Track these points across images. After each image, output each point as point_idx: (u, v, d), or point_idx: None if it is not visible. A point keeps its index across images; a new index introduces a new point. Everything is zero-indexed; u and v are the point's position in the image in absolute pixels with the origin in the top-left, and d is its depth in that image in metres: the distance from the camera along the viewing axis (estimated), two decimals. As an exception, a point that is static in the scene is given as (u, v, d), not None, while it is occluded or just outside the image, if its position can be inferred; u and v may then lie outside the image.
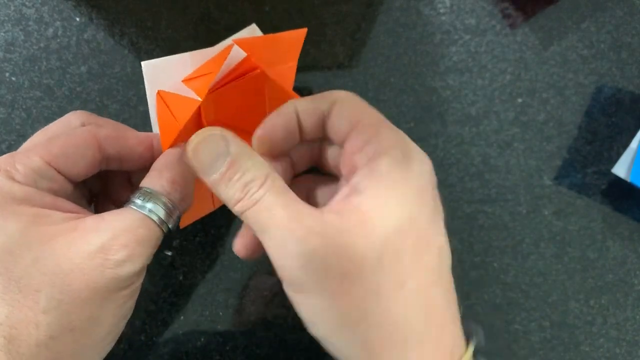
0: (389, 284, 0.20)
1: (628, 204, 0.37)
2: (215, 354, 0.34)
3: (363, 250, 0.20)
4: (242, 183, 0.21)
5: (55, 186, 0.24)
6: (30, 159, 0.23)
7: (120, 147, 0.26)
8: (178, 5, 0.36)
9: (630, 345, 0.35)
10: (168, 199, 0.23)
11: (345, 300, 0.20)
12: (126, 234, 0.22)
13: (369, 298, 0.20)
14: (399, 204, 0.21)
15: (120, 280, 0.22)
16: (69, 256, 0.21)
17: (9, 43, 0.35)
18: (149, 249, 0.23)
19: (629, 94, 0.38)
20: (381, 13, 0.37)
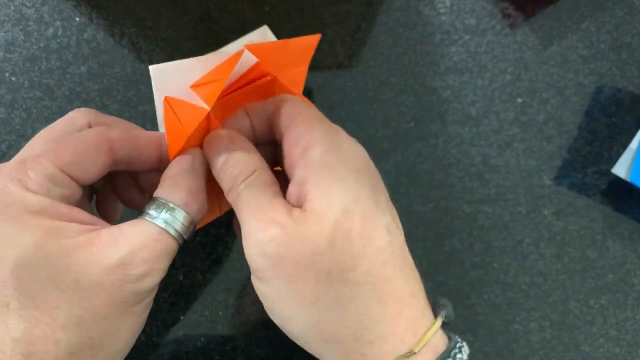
0: (340, 267, 0.21)
1: (628, 204, 0.37)
2: (215, 354, 0.34)
3: (315, 237, 0.21)
4: (233, 175, 0.23)
5: (68, 193, 0.23)
6: (42, 166, 0.22)
7: (130, 150, 0.25)
8: (178, 5, 0.36)
9: (630, 345, 0.35)
10: (185, 211, 0.23)
11: (299, 284, 0.21)
12: (145, 249, 0.22)
13: (321, 282, 0.21)
14: (340, 187, 0.22)
15: (139, 295, 0.22)
16: (87, 271, 0.21)
17: (9, 43, 0.35)
18: (166, 263, 0.23)
19: (629, 94, 0.38)
20: (381, 13, 0.37)
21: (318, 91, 0.36)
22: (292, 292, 0.21)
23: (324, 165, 0.22)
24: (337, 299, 0.21)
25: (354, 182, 0.22)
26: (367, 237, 0.22)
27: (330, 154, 0.22)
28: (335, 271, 0.21)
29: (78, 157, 0.23)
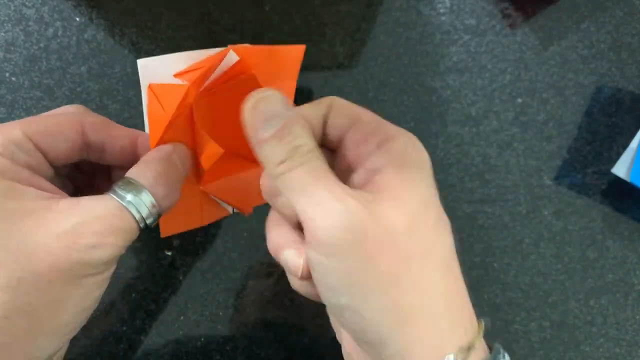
0: (418, 252, 0.21)
1: (628, 204, 0.37)
2: (215, 354, 0.34)
3: (395, 221, 0.21)
4: (292, 145, 0.21)
5: (33, 162, 0.23)
6: (10, 130, 0.22)
7: (103, 136, 0.25)
8: (178, 5, 0.36)
9: (630, 345, 0.35)
10: (151, 193, 0.23)
11: (380, 263, 0.20)
12: (100, 220, 0.21)
13: (402, 263, 0.21)
14: (419, 180, 0.22)
15: (87, 266, 0.21)
16: (37, 235, 0.20)
17: (9, 43, 0.35)
18: (121, 241, 0.22)
19: (628, 94, 0.38)
20: (381, 13, 0.37)
21: (318, 91, 0.36)
22: (373, 271, 0.21)
23: (406, 157, 0.22)
24: (415, 284, 0.21)
25: (430, 181, 0.22)
26: (440, 232, 0.22)
27: (410, 150, 0.23)
28: (414, 256, 0.21)
29: (47, 128, 0.23)
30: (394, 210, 0.21)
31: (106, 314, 0.33)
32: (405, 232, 0.21)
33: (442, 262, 0.22)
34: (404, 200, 0.21)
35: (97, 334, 0.33)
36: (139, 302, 0.34)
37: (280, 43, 0.28)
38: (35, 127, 0.23)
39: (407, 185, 0.22)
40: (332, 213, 0.20)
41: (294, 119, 0.22)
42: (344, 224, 0.20)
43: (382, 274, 0.21)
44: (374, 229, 0.20)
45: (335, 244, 0.20)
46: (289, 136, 0.21)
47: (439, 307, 0.21)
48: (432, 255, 0.22)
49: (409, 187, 0.22)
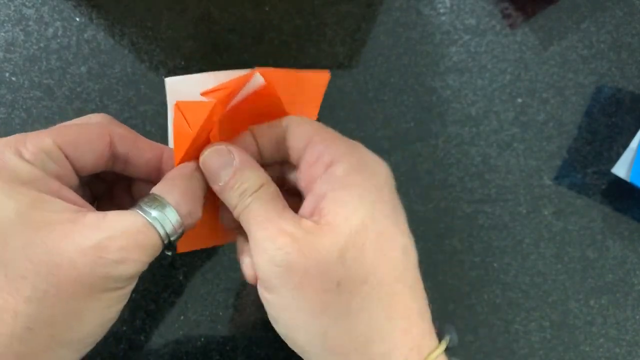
0: (350, 279, 0.21)
1: (628, 204, 0.37)
2: (215, 354, 0.34)
3: (327, 248, 0.21)
4: (240, 191, 0.23)
5: (62, 172, 0.23)
6: (41, 139, 0.22)
7: (130, 148, 0.25)
8: (178, 5, 0.36)
9: (630, 345, 0.35)
10: (176, 211, 0.23)
11: (307, 292, 0.21)
12: (125, 236, 0.21)
13: (330, 292, 0.21)
14: (359, 203, 0.22)
15: (111, 281, 0.21)
16: (62, 248, 0.20)
17: (9, 43, 0.35)
18: (145, 257, 0.22)
19: (628, 94, 0.38)
20: (381, 13, 0.37)
21: (318, 91, 0.36)
22: (301, 301, 0.21)
23: (346, 181, 0.22)
24: (345, 310, 0.21)
25: (375, 200, 0.22)
26: (381, 253, 0.22)
27: (353, 171, 0.23)
28: (345, 282, 0.21)
29: (77, 138, 0.24)
30: (327, 237, 0.21)
31: (106, 314, 0.33)
32: (336, 258, 0.21)
33: (383, 284, 0.22)
34: (338, 227, 0.21)
35: (97, 334, 0.33)
36: (139, 302, 0.34)
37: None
38: (65, 137, 0.23)
39: (344, 211, 0.22)
40: (263, 250, 0.22)
41: (240, 166, 0.24)
42: (272, 259, 0.21)
43: (310, 303, 0.21)
44: (302, 259, 0.21)
45: (267, 278, 0.22)
46: (237, 183, 0.23)
47: (371, 335, 0.21)
48: (370, 279, 0.21)
49: (345, 212, 0.22)
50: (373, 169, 0.23)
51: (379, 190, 0.23)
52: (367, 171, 0.23)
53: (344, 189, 0.22)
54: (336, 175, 0.23)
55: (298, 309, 0.22)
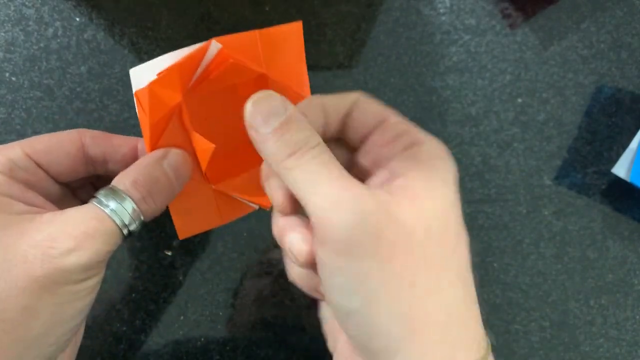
0: (435, 258, 0.20)
1: (628, 204, 0.37)
2: (215, 354, 0.34)
3: (413, 223, 0.20)
4: (296, 139, 0.20)
5: (33, 179, 0.24)
6: (11, 149, 0.23)
7: (104, 147, 0.26)
8: (178, 5, 0.36)
9: (630, 345, 0.35)
10: (129, 197, 0.23)
11: (396, 266, 0.20)
12: (76, 225, 0.21)
13: (418, 268, 0.20)
14: (442, 187, 0.21)
15: (64, 273, 0.21)
16: (16, 245, 0.21)
17: (9, 43, 0.35)
18: (100, 244, 0.22)
19: (629, 94, 0.38)
20: (381, 13, 0.37)
21: (318, 91, 0.36)
22: (388, 273, 0.20)
23: (431, 163, 0.22)
24: (431, 289, 0.20)
25: (453, 189, 0.22)
26: (458, 242, 0.21)
27: (435, 156, 0.22)
28: (431, 262, 0.20)
29: (48, 146, 0.24)
30: (413, 213, 0.20)
31: (106, 314, 0.33)
32: (423, 236, 0.20)
33: (459, 272, 0.21)
34: (425, 205, 0.20)
35: (97, 334, 0.33)
36: (139, 302, 0.34)
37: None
38: (35, 146, 0.24)
39: (429, 191, 0.21)
40: (346, 210, 0.19)
41: (295, 115, 0.21)
42: (358, 222, 0.19)
43: (398, 277, 0.20)
44: (391, 230, 0.19)
45: (347, 242, 0.19)
46: (292, 131, 0.20)
47: (452, 318, 0.20)
48: (450, 264, 0.21)
49: (430, 192, 0.21)
50: (450, 160, 0.23)
51: (455, 181, 0.22)
52: (446, 160, 0.22)
53: (429, 171, 0.21)
54: (422, 155, 0.22)
55: (384, 280, 0.20)
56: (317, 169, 0.20)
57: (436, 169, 0.22)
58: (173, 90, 0.24)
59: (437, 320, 0.20)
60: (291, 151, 0.20)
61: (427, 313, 0.20)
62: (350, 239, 0.19)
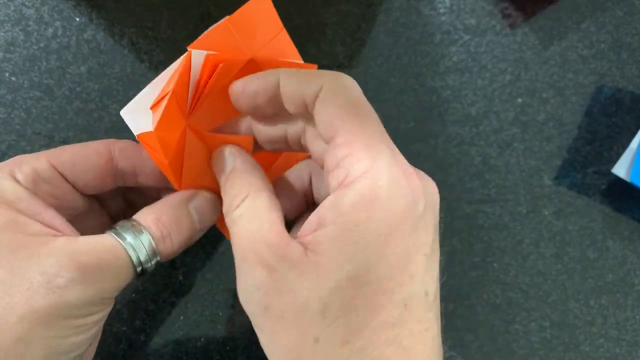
0: (330, 338, 0.19)
1: (628, 204, 0.37)
2: (215, 354, 0.34)
3: (308, 296, 0.19)
4: (230, 196, 0.22)
5: (57, 192, 0.23)
6: (37, 160, 0.22)
7: (133, 159, 0.25)
8: (178, 5, 0.36)
9: (630, 345, 0.35)
10: (149, 234, 0.22)
11: (282, 339, 0.19)
12: (86, 256, 0.20)
13: (305, 347, 0.19)
14: (356, 251, 0.18)
15: (65, 306, 0.19)
16: (23, 269, 0.19)
17: (8, 43, 0.35)
18: (109, 280, 0.21)
19: (629, 94, 0.38)
20: (381, 13, 0.37)
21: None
22: (275, 346, 0.20)
23: (349, 219, 0.19)
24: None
25: (375, 249, 0.18)
26: (372, 313, 0.19)
27: (360, 207, 0.18)
28: (324, 340, 0.19)
29: (74, 158, 0.23)
30: (311, 284, 0.18)
31: (106, 314, 0.33)
32: (316, 314, 0.18)
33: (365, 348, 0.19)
34: (326, 275, 0.18)
35: (97, 334, 0.33)
36: (139, 302, 0.34)
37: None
38: (61, 157, 0.23)
39: (336, 256, 0.18)
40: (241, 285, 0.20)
41: (235, 169, 0.22)
42: (249, 298, 0.20)
43: (285, 350, 0.19)
44: (279, 304, 0.19)
45: (248, 313, 0.21)
46: (227, 187, 0.22)
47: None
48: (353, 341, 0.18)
49: (337, 257, 0.18)
50: (389, 204, 0.19)
51: (389, 234, 0.19)
52: (380, 207, 0.18)
53: (345, 229, 0.18)
54: (341, 208, 0.19)
55: (273, 352, 0.20)
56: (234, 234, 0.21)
57: (356, 226, 0.18)
58: (176, 120, 0.23)
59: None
60: (227, 208, 0.22)
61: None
62: (247, 310, 0.20)
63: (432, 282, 0.21)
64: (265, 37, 0.25)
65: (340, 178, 0.19)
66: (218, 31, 0.24)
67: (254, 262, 0.20)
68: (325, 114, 0.20)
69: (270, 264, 0.19)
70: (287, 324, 0.19)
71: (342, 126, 0.20)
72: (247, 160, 0.23)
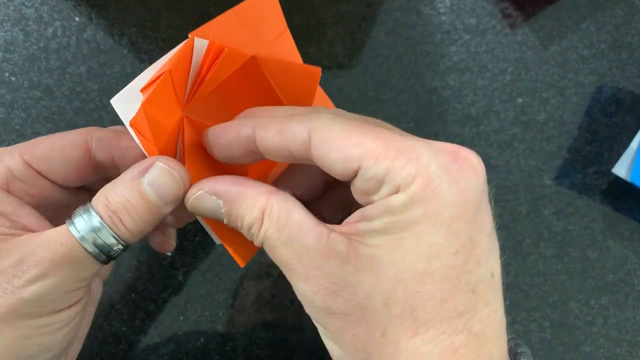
0: (397, 330, 0.18)
1: (628, 204, 0.36)
2: (215, 354, 0.34)
3: (368, 290, 0.18)
4: (245, 229, 0.20)
5: (34, 190, 0.22)
6: (10, 157, 0.21)
7: (112, 149, 0.23)
8: (178, 5, 0.36)
9: (631, 345, 0.35)
10: (102, 220, 0.20)
11: (347, 339, 0.19)
12: (44, 250, 0.19)
13: (373, 342, 0.18)
14: (414, 245, 0.18)
15: (25, 304, 0.19)
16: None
17: (8, 43, 0.35)
18: (68, 272, 0.19)
19: (629, 93, 0.38)
20: (381, 13, 0.37)
21: (318, 91, 0.36)
22: (342, 345, 0.19)
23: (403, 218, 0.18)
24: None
25: (435, 241, 0.18)
26: (438, 303, 0.18)
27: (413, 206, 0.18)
28: (391, 332, 0.18)
29: (48, 152, 0.22)
30: (369, 278, 0.18)
31: (106, 314, 0.33)
32: (380, 306, 0.18)
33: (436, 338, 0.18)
34: (384, 268, 0.18)
35: (97, 334, 0.33)
36: (139, 302, 0.34)
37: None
38: (36, 153, 0.22)
39: (392, 251, 0.18)
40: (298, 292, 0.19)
41: (231, 202, 0.20)
42: (307, 304, 0.19)
43: (351, 351, 0.19)
44: (339, 303, 0.18)
45: (312, 317, 0.20)
46: (237, 222, 0.20)
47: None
48: (421, 332, 0.18)
49: (394, 252, 0.18)
50: (445, 196, 0.18)
51: (447, 225, 0.18)
52: (435, 202, 0.18)
53: (400, 226, 0.18)
54: (393, 208, 0.18)
55: (340, 352, 0.19)
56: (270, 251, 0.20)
57: (410, 223, 0.18)
58: (171, 105, 0.22)
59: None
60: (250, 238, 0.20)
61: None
62: (311, 314, 0.19)
63: (496, 261, 0.20)
64: (268, 35, 0.25)
65: (391, 191, 0.18)
66: (221, 20, 0.22)
67: (300, 270, 0.19)
68: (334, 156, 0.18)
69: (319, 265, 0.18)
70: (352, 321, 0.18)
71: (362, 152, 0.18)
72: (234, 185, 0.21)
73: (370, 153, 0.18)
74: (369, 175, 0.18)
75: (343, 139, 0.18)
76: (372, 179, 0.18)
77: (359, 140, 0.18)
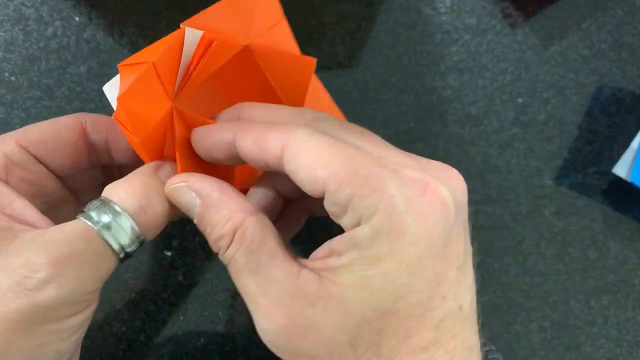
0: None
1: (629, 204, 0.36)
2: (215, 354, 0.34)
3: (333, 332, 0.18)
4: (213, 239, 0.20)
5: (32, 177, 0.21)
6: (4, 143, 0.20)
7: (106, 131, 0.23)
8: (178, 5, 0.36)
9: (631, 346, 0.35)
10: (126, 210, 0.19)
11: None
12: (57, 249, 0.17)
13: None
14: (381, 286, 0.17)
15: (40, 309, 0.17)
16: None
17: (8, 43, 0.35)
18: (87, 271, 0.18)
19: (629, 93, 0.38)
20: (381, 13, 0.37)
21: (318, 91, 0.36)
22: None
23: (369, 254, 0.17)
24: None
25: (402, 279, 0.17)
26: (404, 341, 0.18)
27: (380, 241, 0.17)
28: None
29: (44, 135, 0.21)
30: (335, 318, 0.17)
31: (106, 314, 0.33)
32: (346, 348, 0.18)
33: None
34: (350, 308, 0.17)
35: (97, 334, 0.33)
36: (139, 303, 0.34)
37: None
38: (31, 137, 0.21)
39: (359, 289, 0.17)
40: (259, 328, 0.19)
41: (207, 205, 0.19)
42: (271, 341, 0.19)
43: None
44: (304, 345, 0.18)
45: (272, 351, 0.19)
46: (207, 228, 0.19)
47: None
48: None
49: (360, 290, 0.17)
50: (413, 232, 0.17)
51: (415, 262, 0.17)
52: (403, 238, 0.17)
53: (366, 262, 0.17)
54: (358, 243, 0.17)
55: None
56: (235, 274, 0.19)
57: (376, 260, 0.17)
58: (155, 96, 0.21)
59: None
60: (215, 249, 0.20)
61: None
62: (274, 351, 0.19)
63: (466, 292, 0.20)
64: (264, 24, 0.24)
65: (353, 221, 0.18)
66: (214, 11, 0.22)
67: (265, 305, 0.18)
68: (302, 175, 0.18)
69: (286, 304, 0.18)
70: None
71: (328, 175, 0.18)
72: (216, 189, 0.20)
73: (335, 177, 0.17)
74: (333, 200, 0.18)
75: (313, 159, 0.18)
76: (335, 203, 0.18)
77: (327, 162, 0.18)
